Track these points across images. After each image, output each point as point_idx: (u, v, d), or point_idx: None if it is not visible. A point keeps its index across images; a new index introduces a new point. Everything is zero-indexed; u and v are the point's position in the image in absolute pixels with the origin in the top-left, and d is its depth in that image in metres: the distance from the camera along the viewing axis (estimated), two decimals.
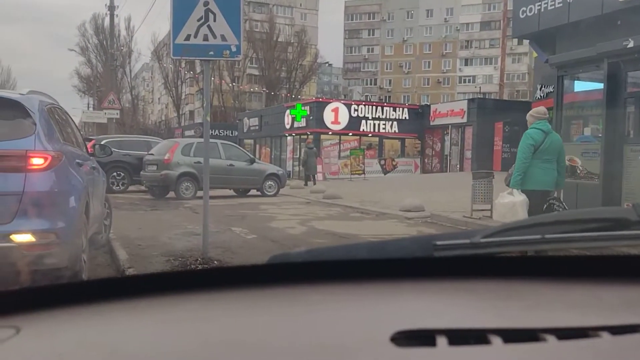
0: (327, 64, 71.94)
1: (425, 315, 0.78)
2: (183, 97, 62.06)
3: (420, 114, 29.47)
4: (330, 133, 27.47)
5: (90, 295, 0.84)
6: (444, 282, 0.90)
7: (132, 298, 0.84)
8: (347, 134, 27.76)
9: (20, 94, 4.22)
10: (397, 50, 71.03)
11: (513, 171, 5.96)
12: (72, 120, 5.68)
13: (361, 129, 27.89)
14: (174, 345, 0.70)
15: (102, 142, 15.07)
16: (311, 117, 27.46)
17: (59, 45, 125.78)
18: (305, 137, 26.81)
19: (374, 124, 28.19)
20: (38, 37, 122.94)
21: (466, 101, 28.47)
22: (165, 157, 13.46)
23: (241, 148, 17.36)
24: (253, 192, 14.93)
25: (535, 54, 23.55)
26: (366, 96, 45.57)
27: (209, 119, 5.88)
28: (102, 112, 23.98)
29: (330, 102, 29.16)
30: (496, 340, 0.67)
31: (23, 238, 3.62)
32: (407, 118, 28.94)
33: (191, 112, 64.73)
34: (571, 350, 0.67)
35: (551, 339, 0.68)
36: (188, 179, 13.43)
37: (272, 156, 31.84)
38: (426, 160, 29.16)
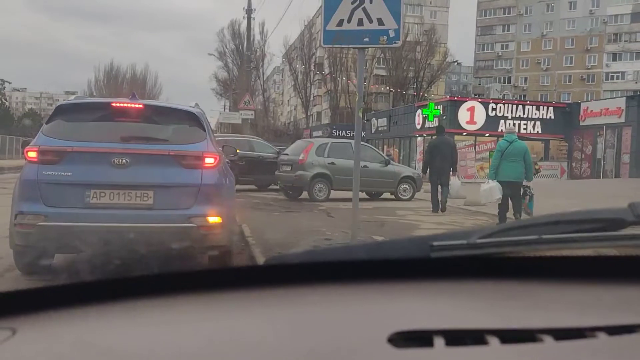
0: (456, 63, 69.26)
1: (422, 316, 0.77)
2: (312, 98, 63.12)
3: (568, 113, 26.73)
4: (465, 134, 25.83)
5: (88, 296, 0.82)
6: (441, 282, 0.90)
7: (130, 299, 0.82)
8: (483, 135, 25.95)
9: (190, 106, 5.13)
10: (535, 46, 66.38)
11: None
12: None
13: (499, 129, 25.90)
14: (171, 346, 0.69)
15: None
16: (444, 117, 26.05)
17: (197, 51, 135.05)
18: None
19: (514, 124, 26.05)
20: (179, 43, 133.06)
21: (624, 98, 25.34)
22: (300, 158, 13.15)
23: (375, 149, 16.65)
24: (385, 195, 14.17)
25: None
26: (505, 94, 42.92)
27: (360, 114, 5.18)
28: (237, 113, 24.67)
29: (466, 101, 27.50)
30: (493, 341, 0.67)
31: (199, 220, 4.38)
32: (553, 117, 26.40)
33: (318, 114, 65.65)
34: (568, 350, 0.66)
35: (548, 339, 0.67)
36: (321, 180, 13.01)
37: (401, 157, 30.85)
38: (574, 164, 26.36)
